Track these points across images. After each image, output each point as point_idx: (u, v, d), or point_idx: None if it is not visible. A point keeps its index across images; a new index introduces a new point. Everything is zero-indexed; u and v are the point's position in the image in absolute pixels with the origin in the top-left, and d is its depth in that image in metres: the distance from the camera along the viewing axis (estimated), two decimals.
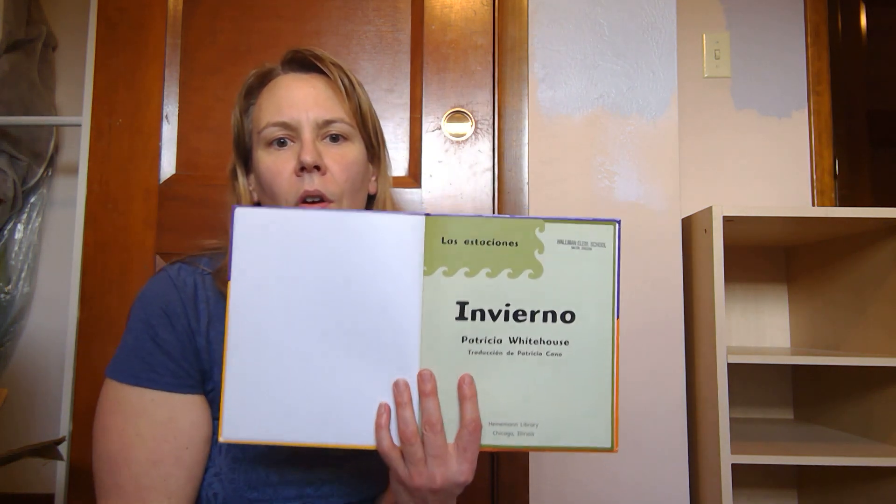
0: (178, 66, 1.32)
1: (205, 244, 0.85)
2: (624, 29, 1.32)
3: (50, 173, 1.94)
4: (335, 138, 0.78)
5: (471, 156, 1.32)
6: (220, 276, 0.78)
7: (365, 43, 1.34)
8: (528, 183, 1.30)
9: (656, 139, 1.30)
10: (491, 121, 1.32)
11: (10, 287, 1.85)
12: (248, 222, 0.63)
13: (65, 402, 1.26)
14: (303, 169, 0.75)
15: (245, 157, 0.84)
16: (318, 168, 0.75)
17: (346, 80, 0.79)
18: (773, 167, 1.74)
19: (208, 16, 1.34)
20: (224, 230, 0.85)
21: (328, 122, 0.78)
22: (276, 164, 0.77)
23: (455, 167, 1.31)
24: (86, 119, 1.31)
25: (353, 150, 0.80)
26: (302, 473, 0.76)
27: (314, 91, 0.78)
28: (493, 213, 1.31)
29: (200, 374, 0.74)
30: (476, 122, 1.32)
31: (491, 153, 1.32)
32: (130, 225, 1.29)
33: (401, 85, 1.33)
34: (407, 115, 1.32)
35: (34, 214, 1.90)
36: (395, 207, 0.87)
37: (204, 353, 0.74)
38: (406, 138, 1.31)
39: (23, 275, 1.87)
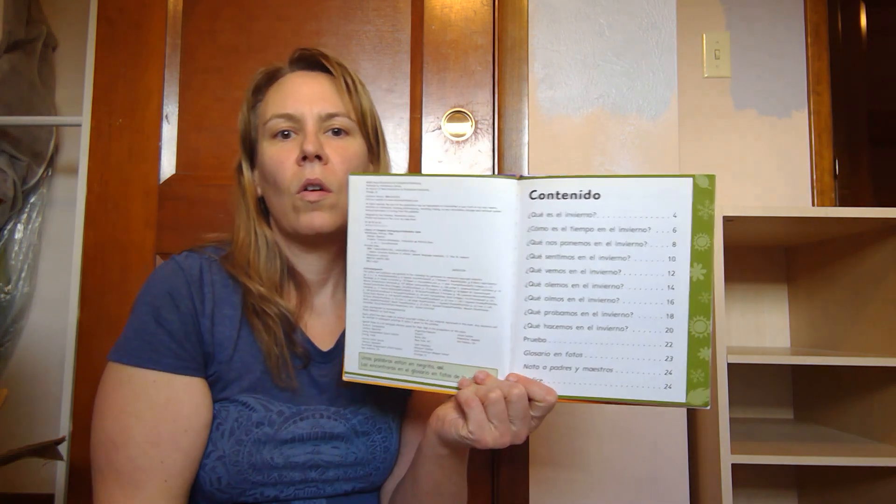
0: (178, 66, 1.32)
1: (206, 237, 0.86)
2: (624, 29, 1.32)
3: (50, 173, 1.94)
4: (337, 132, 0.81)
5: (471, 156, 1.31)
6: (228, 261, 0.80)
7: (365, 43, 1.34)
8: None
9: (656, 139, 1.30)
10: (491, 121, 1.32)
11: (10, 287, 1.85)
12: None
13: (65, 402, 1.26)
14: (304, 158, 0.77)
15: (251, 152, 0.86)
16: (319, 158, 0.78)
17: (349, 79, 0.83)
18: (773, 167, 1.74)
19: (208, 16, 1.34)
20: (225, 228, 0.87)
21: (331, 116, 0.80)
22: (280, 154, 0.79)
23: (455, 167, 1.31)
24: (86, 119, 1.31)
25: (354, 145, 0.82)
26: (306, 457, 0.76)
27: (319, 87, 0.82)
28: None
29: (203, 357, 0.75)
30: (476, 122, 1.32)
31: (491, 153, 1.32)
32: (130, 225, 1.29)
33: (401, 85, 1.33)
34: (407, 115, 1.32)
35: (34, 214, 1.90)
36: None
37: (207, 336, 0.75)
38: (406, 138, 1.31)
39: (23, 275, 1.87)
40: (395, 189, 0.70)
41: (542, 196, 0.65)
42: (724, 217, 1.21)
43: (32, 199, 1.90)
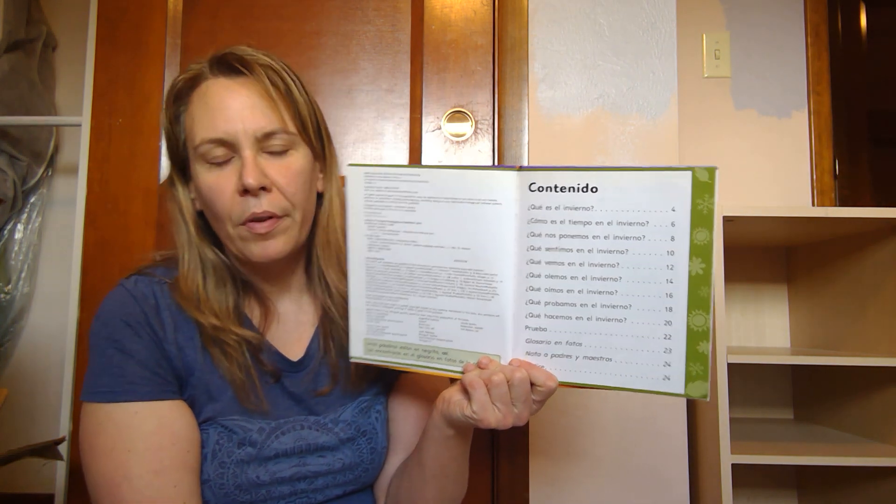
0: (178, 66, 1.32)
1: (153, 256, 0.82)
2: (624, 29, 1.32)
3: (50, 173, 1.94)
4: (277, 150, 0.74)
5: (471, 156, 1.32)
6: (177, 287, 0.75)
7: (365, 43, 1.34)
8: None
9: (656, 139, 1.30)
10: (491, 121, 1.32)
11: (10, 287, 1.85)
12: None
13: (65, 402, 1.26)
14: (246, 191, 0.71)
15: (182, 166, 0.78)
16: (263, 188, 0.71)
17: (278, 81, 0.74)
18: (773, 167, 1.74)
19: (208, 16, 1.34)
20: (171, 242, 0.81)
21: (268, 136, 0.72)
22: (218, 184, 0.72)
23: None
24: (86, 119, 1.31)
25: (298, 160, 0.75)
26: (293, 470, 0.75)
27: (248, 99, 0.72)
28: None
29: (177, 380, 0.72)
30: (476, 122, 1.32)
31: (491, 153, 1.32)
32: (130, 225, 1.29)
33: (401, 85, 1.33)
34: (407, 115, 1.32)
35: (34, 214, 1.90)
36: (342, 205, 0.80)
37: (177, 361, 0.72)
38: (406, 138, 1.31)
39: (23, 275, 1.87)
40: (394, 180, 0.71)
41: (541, 189, 0.66)
42: (724, 217, 1.21)
43: (32, 199, 1.90)
